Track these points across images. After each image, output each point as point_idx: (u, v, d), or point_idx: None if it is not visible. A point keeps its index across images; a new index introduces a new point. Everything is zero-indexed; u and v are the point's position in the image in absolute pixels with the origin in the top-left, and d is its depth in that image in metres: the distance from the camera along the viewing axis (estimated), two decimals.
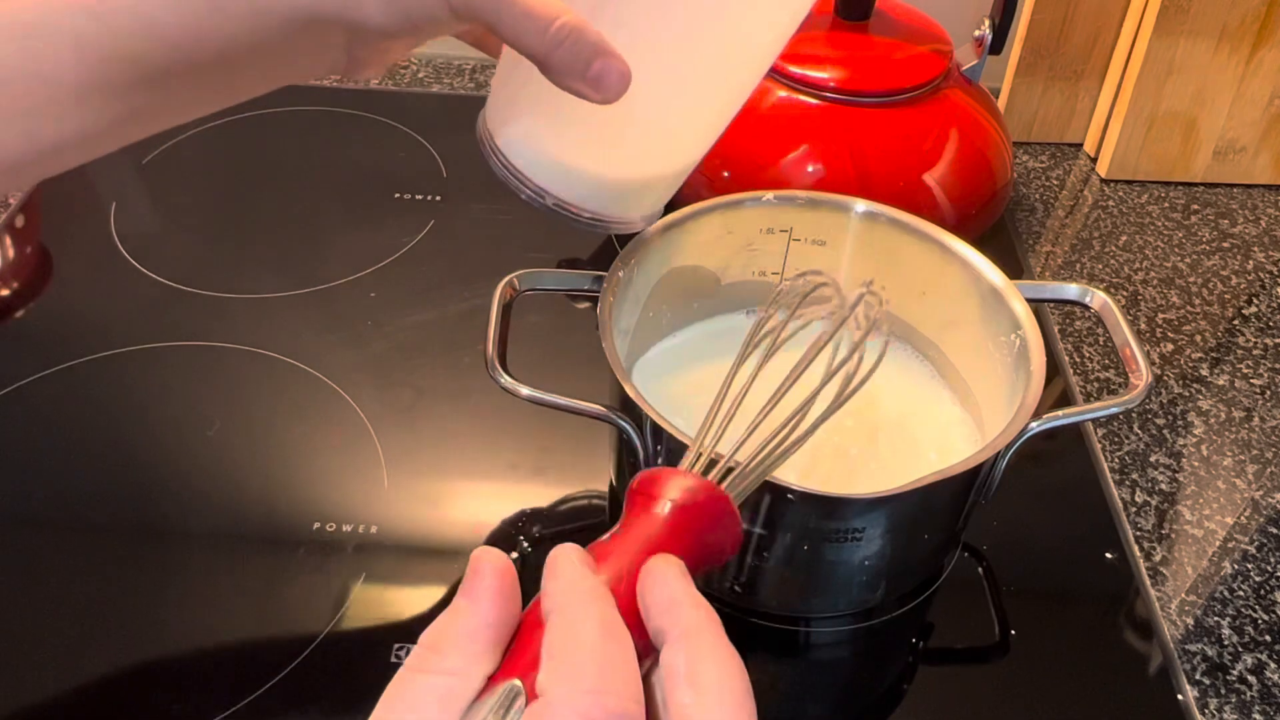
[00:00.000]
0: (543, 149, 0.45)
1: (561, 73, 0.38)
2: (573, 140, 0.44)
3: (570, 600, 0.27)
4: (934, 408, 0.55)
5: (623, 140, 0.44)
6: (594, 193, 0.46)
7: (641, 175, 0.47)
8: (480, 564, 0.28)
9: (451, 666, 0.26)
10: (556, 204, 0.46)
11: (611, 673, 0.25)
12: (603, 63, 0.37)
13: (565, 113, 0.41)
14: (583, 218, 0.46)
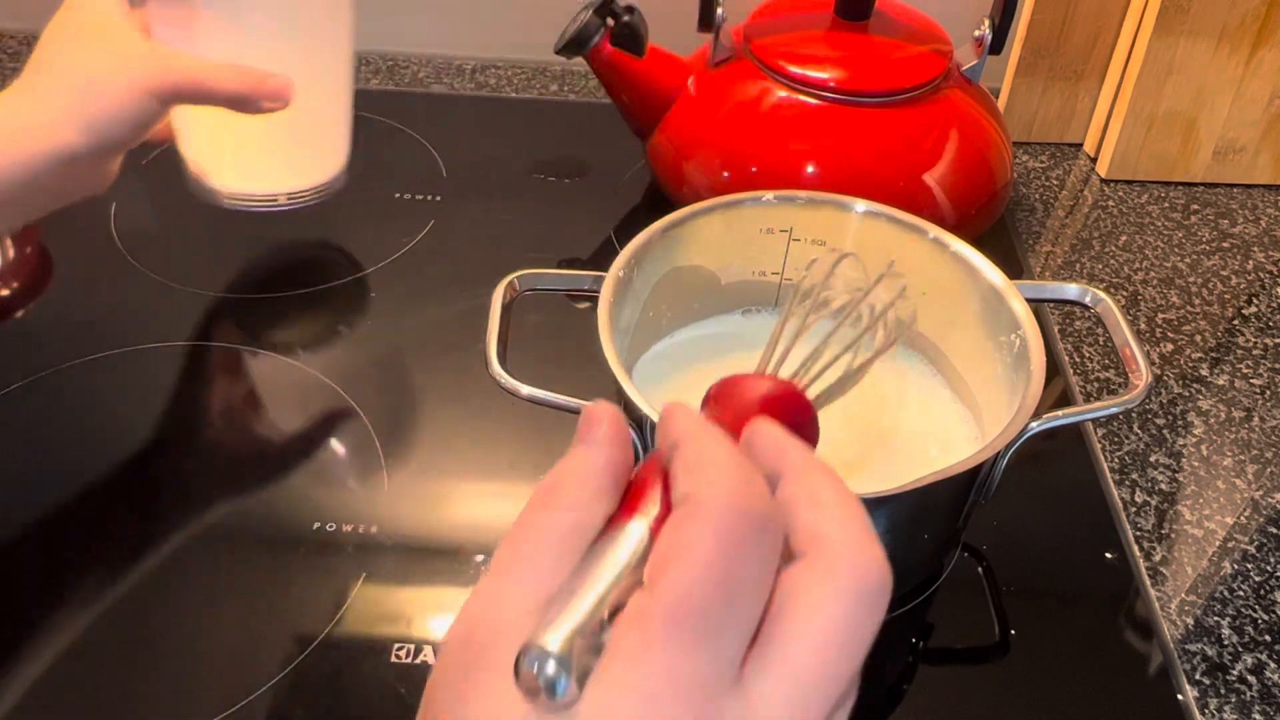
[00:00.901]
0: (254, 168, 0.61)
1: (252, 103, 0.52)
2: (268, 149, 0.59)
3: (697, 431, 0.27)
4: (934, 408, 0.55)
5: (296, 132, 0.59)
6: (305, 170, 0.62)
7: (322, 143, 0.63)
8: (595, 412, 0.29)
9: (571, 503, 0.27)
10: (290, 198, 0.62)
11: (752, 478, 0.26)
12: (272, 84, 0.52)
13: (256, 135, 0.58)
14: (305, 194, 0.63)
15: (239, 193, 0.62)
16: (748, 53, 0.69)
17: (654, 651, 0.23)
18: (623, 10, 0.67)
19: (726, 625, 0.23)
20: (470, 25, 0.91)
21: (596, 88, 0.89)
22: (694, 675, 0.23)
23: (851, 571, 0.25)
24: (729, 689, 0.23)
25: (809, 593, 0.25)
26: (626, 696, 0.23)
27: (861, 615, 0.25)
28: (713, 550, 0.24)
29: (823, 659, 0.24)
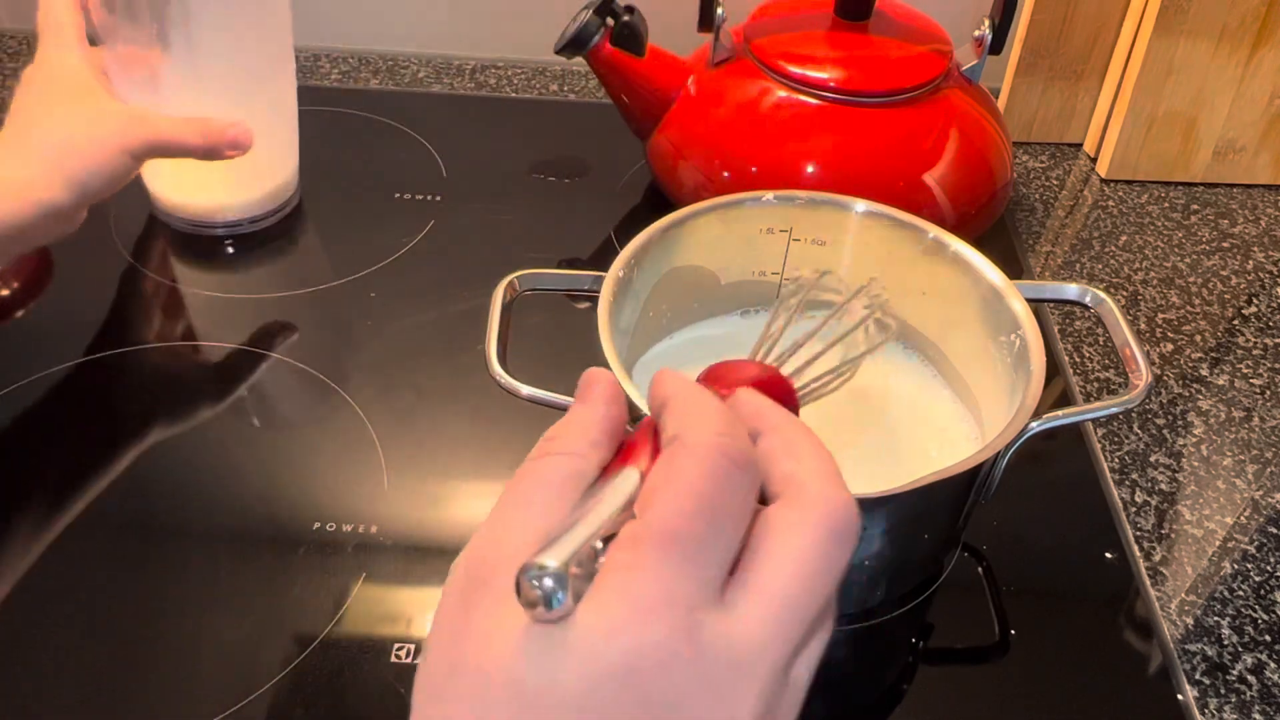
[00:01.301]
0: (214, 193, 0.69)
1: (217, 153, 0.59)
2: (225, 175, 0.67)
3: (685, 388, 0.30)
4: (934, 407, 0.55)
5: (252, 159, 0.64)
6: (261, 193, 0.71)
7: (276, 168, 0.72)
8: (593, 374, 0.32)
9: (570, 450, 0.29)
10: (251, 221, 0.71)
11: (735, 424, 0.28)
12: (233, 133, 0.59)
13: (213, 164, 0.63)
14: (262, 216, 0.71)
15: (199, 217, 0.70)
16: (748, 53, 0.69)
17: (643, 568, 0.25)
18: (623, 10, 0.67)
19: (709, 548, 0.26)
20: (470, 25, 0.91)
21: (596, 88, 0.89)
22: (678, 589, 0.25)
23: (824, 508, 0.27)
24: (710, 606, 0.25)
25: (786, 526, 0.27)
26: (617, 607, 0.25)
27: (832, 546, 0.27)
28: (699, 481, 0.26)
29: (797, 583, 0.26)
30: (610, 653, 0.24)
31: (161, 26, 0.60)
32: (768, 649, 0.26)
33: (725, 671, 0.25)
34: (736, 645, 0.25)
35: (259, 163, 0.68)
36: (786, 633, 0.26)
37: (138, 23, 0.60)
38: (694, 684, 0.25)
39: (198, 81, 0.63)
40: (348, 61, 0.90)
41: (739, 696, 0.25)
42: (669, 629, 0.25)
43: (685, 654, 0.25)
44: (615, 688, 0.24)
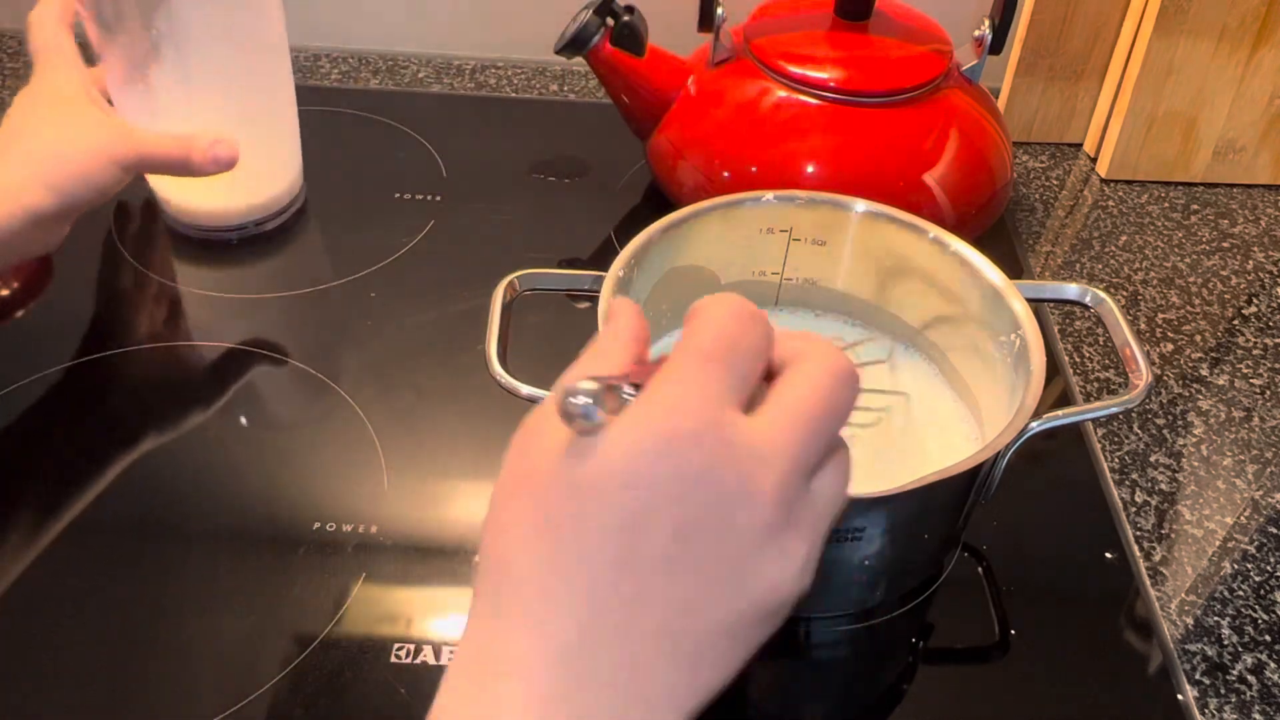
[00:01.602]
0: (217, 198, 0.69)
1: (204, 169, 0.60)
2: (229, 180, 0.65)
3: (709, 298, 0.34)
4: (934, 407, 0.55)
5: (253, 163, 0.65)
6: (264, 197, 0.71)
7: (277, 173, 0.72)
8: (617, 306, 0.36)
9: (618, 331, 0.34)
10: (256, 225, 0.71)
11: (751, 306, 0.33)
12: (220, 150, 0.60)
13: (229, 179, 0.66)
14: (266, 219, 0.72)
15: (206, 221, 0.70)
16: (748, 53, 0.69)
17: (677, 377, 0.30)
18: (623, 10, 0.67)
19: (731, 368, 0.31)
20: (470, 25, 0.91)
21: (596, 88, 0.89)
22: (707, 392, 0.30)
23: (828, 359, 0.32)
24: (735, 410, 0.30)
25: (798, 371, 0.32)
26: (655, 403, 0.30)
27: (837, 386, 0.32)
28: (725, 318, 0.32)
29: (807, 404, 0.31)
30: (649, 436, 0.29)
31: (152, 37, 0.60)
32: (785, 449, 0.30)
33: (748, 458, 0.29)
34: (757, 440, 0.30)
35: (260, 166, 0.69)
36: (800, 439, 0.30)
37: (128, 34, 0.60)
38: (722, 463, 0.29)
39: (192, 89, 0.64)
40: (348, 61, 0.90)
41: (760, 480, 0.29)
42: (699, 420, 0.29)
43: (714, 439, 0.29)
44: (652, 460, 0.29)
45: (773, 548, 0.30)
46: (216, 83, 0.64)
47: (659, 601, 0.28)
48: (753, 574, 0.29)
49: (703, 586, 0.29)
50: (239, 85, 0.66)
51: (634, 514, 0.28)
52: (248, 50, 0.65)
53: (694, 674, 0.29)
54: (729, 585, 0.29)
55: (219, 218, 0.70)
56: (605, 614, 0.28)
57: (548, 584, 0.29)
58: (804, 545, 0.31)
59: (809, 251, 0.57)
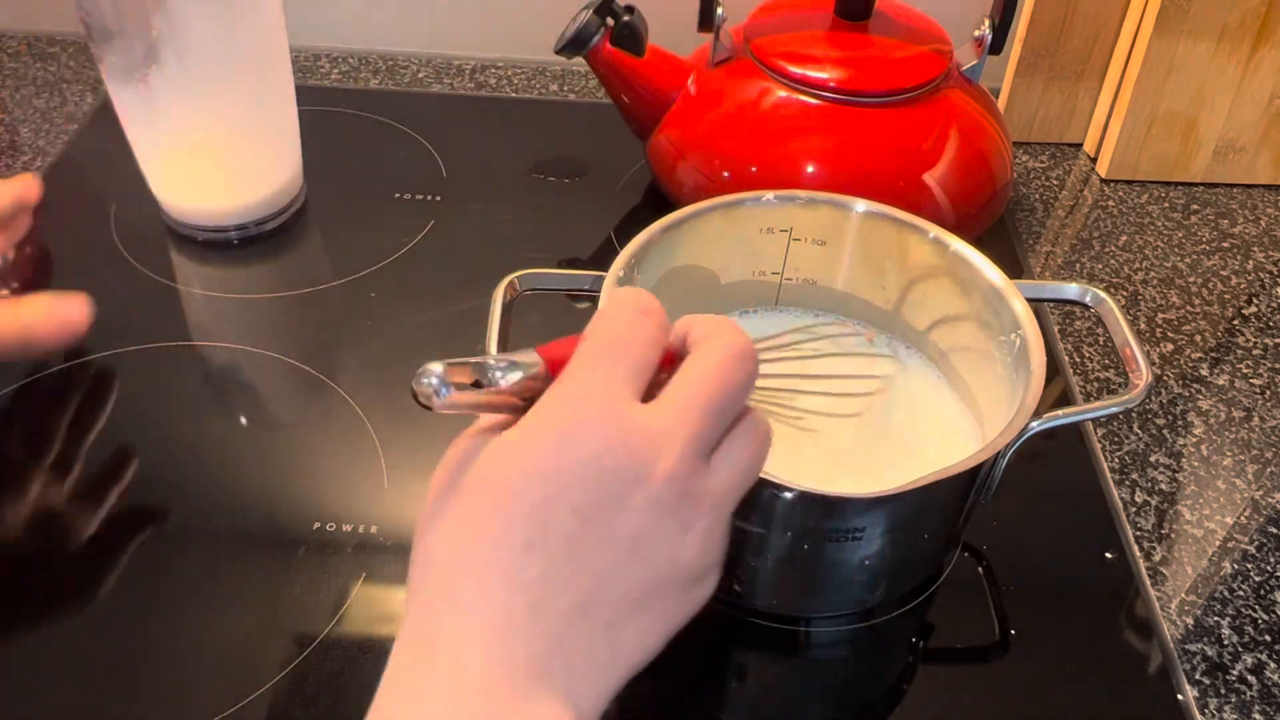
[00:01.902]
0: (218, 199, 0.70)
1: (51, 344, 0.54)
2: (229, 181, 0.69)
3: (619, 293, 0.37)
4: (934, 407, 0.55)
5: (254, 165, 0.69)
6: (263, 198, 0.71)
7: (277, 172, 0.72)
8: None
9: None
10: (256, 225, 0.71)
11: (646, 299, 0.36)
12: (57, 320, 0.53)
13: (217, 169, 0.69)
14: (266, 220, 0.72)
15: (206, 222, 0.70)
16: (748, 53, 0.69)
17: (575, 370, 0.33)
18: (623, 10, 0.67)
19: (621, 360, 0.33)
20: (470, 25, 0.91)
21: (596, 88, 0.89)
22: (600, 385, 0.33)
23: (724, 340, 0.34)
24: (630, 399, 0.33)
25: (696, 354, 0.34)
26: (553, 401, 0.32)
27: (731, 364, 0.34)
28: (617, 316, 0.35)
29: (699, 386, 0.33)
30: (548, 429, 0.32)
31: (152, 38, 0.60)
32: (676, 431, 0.32)
33: (640, 442, 0.32)
34: (650, 425, 0.32)
35: (260, 166, 0.69)
36: (692, 421, 0.33)
37: (128, 35, 0.61)
38: (614, 448, 0.31)
39: (192, 89, 0.64)
40: (348, 61, 0.90)
41: (651, 462, 0.32)
42: (593, 409, 0.32)
43: (607, 426, 0.32)
44: (551, 450, 0.31)
45: (669, 523, 0.32)
46: (216, 83, 0.64)
47: (570, 579, 0.31)
48: (654, 547, 0.32)
49: (607, 562, 0.31)
50: (239, 85, 0.66)
51: (538, 501, 0.31)
52: (247, 50, 0.65)
53: (613, 645, 0.32)
54: (632, 559, 0.32)
55: (219, 218, 0.70)
56: (521, 593, 0.30)
57: (468, 569, 0.31)
58: (702, 519, 0.33)
59: (809, 251, 0.57)
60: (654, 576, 0.32)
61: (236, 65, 0.65)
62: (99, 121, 0.81)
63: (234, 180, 0.69)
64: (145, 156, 0.68)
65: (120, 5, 0.60)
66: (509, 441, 0.32)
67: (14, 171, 0.76)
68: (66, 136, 0.80)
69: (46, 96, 0.84)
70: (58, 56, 0.89)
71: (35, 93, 0.84)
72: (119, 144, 0.69)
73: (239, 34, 0.64)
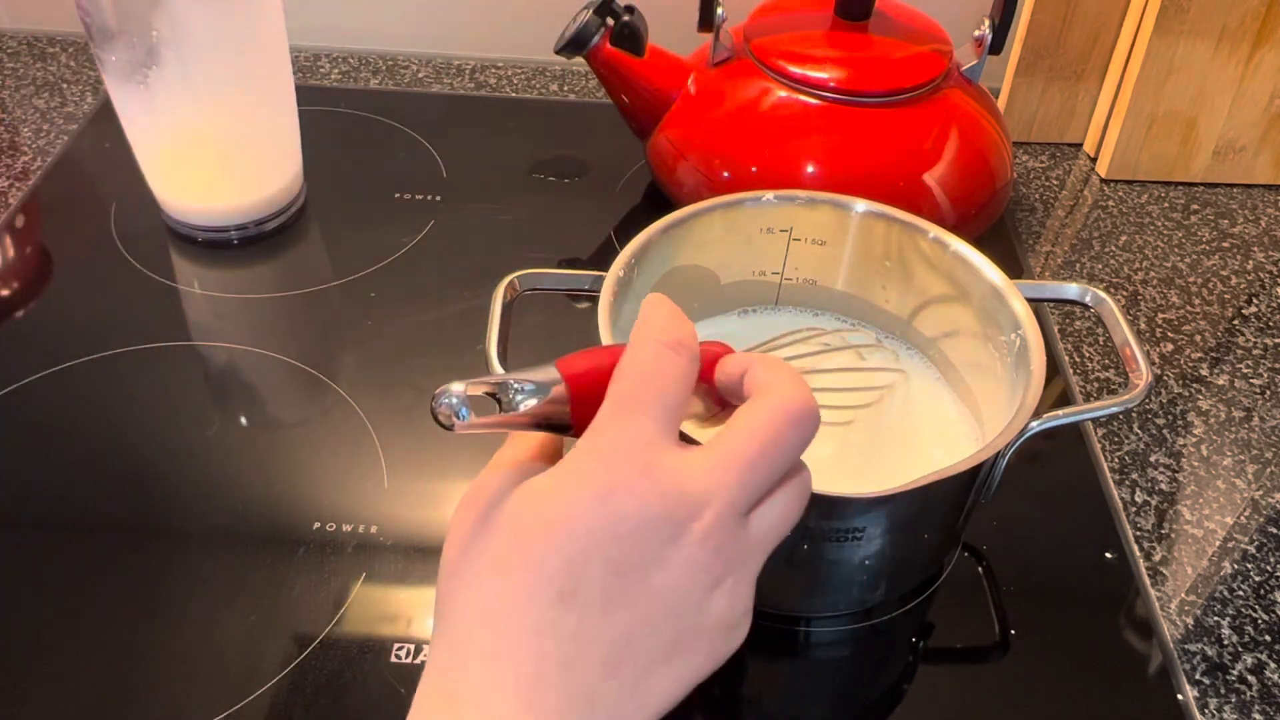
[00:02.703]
0: (218, 200, 0.70)
1: None
2: (229, 182, 0.70)
3: (651, 302, 0.36)
4: (934, 407, 0.55)
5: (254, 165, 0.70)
6: (264, 198, 0.71)
7: (277, 173, 0.72)
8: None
9: None
10: (256, 225, 0.71)
11: (673, 324, 0.35)
12: None
13: (217, 169, 0.69)
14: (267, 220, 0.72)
15: (207, 222, 0.70)
16: (748, 53, 0.69)
17: (607, 421, 0.32)
18: (623, 10, 0.67)
19: (653, 404, 0.32)
20: (470, 25, 0.91)
21: (596, 88, 0.89)
22: (632, 435, 0.32)
23: (785, 396, 0.33)
24: (666, 450, 0.32)
25: (755, 408, 0.33)
26: (584, 456, 0.32)
27: (786, 425, 0.33)
28: (638, 361, 0.33)
29: (748, 443, 0.32)
30: (584, 488, 0.31)
31: (152, 38, 0.60)
32: (715, 491, 0.31)
33: (678, 501, 0.31)
34: (689, 482, 0.31)
35: (260, 166, 0.69)
36: (733, 482, 0.32)
37: (128, 35, 0.61)
38: (652, 508, 0.31)
39: (192, 90, 0.64)
40: (348, 61, 0.90)
41: (688, 522, 0.31)
42: (629, 468, 0.31)
43: (644, 485, 0.31)
44: (587, 509, 0.31)
45: (703, 578, 0.32)
46: (216, 83, 0.65)
47: (601, 633, 0.31)
48: (686, 607, 0.32)
49: (640, 620, 0.31)
50: (239, 85, 0.66)
51: (573, 556, 0.30)
52: (248, 51, 0.65)
53: (640, 697, 0.31)
54: (664, 618, 0.31)
55: (219, 218, 0.70)
56: (553, 647, 0.30)
57: (498, 620, 0.31)
58: (736, 578, 0.33)
59: (809, 251, 0.57)
60: (684, 629, 0.32)
61: (236, 65, 0.65)
62: (99, 121, 0.81)
63: (234, 180, 0.69)
64: (145, 156, 0.68)
65: (120, 5, 0.60)
66: (543, 490, 0.32)
67: (14, 171, 0.76)
68: (66, 136, 0.80)
69: (46, 96, 0.84)
70: (58, 56, 0.89)
71: (35, 93, 0.85)
72: (119, 144, 0.69)
73: (239, 34, 0.64)
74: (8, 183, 0.75)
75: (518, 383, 0.33)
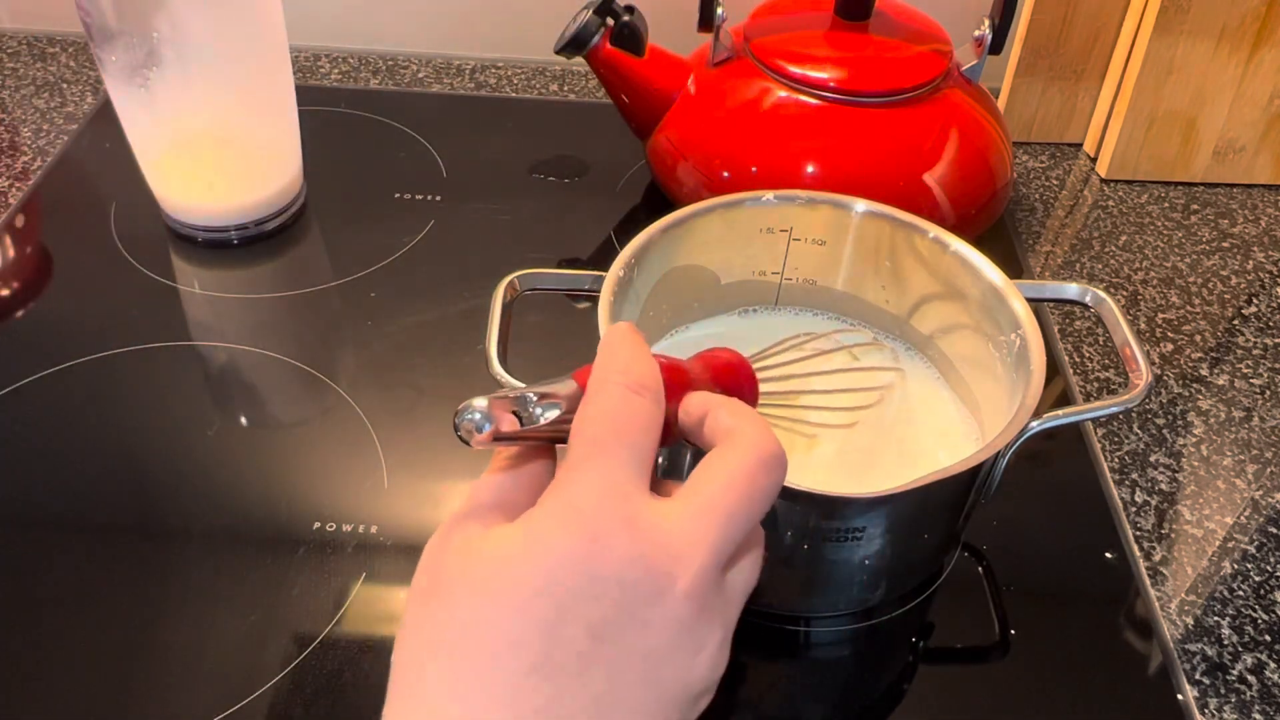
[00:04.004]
0: (218, 200, 0.70)
1: None
2: (230, 183, 0.70)
3: (612, 337, 0.35)
4: (934, 407, 0.55)
5: (255, 167, 0.70)
6: (264, 198, 0.71)
7: (277, 174, 0.72)
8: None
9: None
10: (255, 225, 0.71)
11: (636, 363, 0.33)
12: None
13: (217, 170, 0.69)
14: (267, 220, 0.72)
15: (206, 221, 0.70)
16: (748, 53, 0.69)
17: (577, 468, 0.30)
18: (623, 10, 0.67)
19: (623, 449, 0.31)
20: (470, 25, 0.91)
21: (596, 88, 0.89)
22: (609, 482, 0.30)
23: (754, 442, 0.32)
24: (642, 498, 0.30)
25: (720, 454, 0.32)
26: (558, 503, 0.30)
27: (759, 473, 0.31)
28: (610, 399, 0.32)
29: (726, 493, 0.31)
30: (559, 540, 0.29)
31: (153, 39, 0.61)
32: (699, 544, 0.30)
33: (661, 555, 0.29)
34: (671, 535, 0.30)
35: (260, 166, 0.69)
36: (716, 535, 0.30)
37: (129, 35, 0.61)
38: (633, 563, 0.29)
39: (192, 90, 0.64)
40: (348, 61, 0.90)
41: (673, 577, 0.29)
42: (608, 519, 0.29)
43: (624, 539, 0.29)
44: (564, 565, 0.29)
45: (687, 640, 0.30)
46: (216, 84, 0.65)
47: (576, 701, 0.28)
48: (667, 666, 0.30)
49: (618, 683, 0.29)
50: (239, 86, 0.66)
51: (548, 619, 0.28)
52: (248, 51, 0.66)
53: None
54: (644, 679, 0.29)
55: (219, 218, 0.70)
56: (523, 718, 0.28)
57: (461, 691, 0.28)
58: (717, 633, 0.31)
59: (809, 251, 0.57)
60: (661, 697, 0.30)
61: (236, 66, 0.65)
62: (99, 121, 0.81)
63: (234, 180, 0.69)
64: (145, 156, 0.68)
65: (120, 5, 0.60)
66: (512, 543, 0.29)
67: (14, 171, 0.76)
68: (66, 136, 0.80)
69: (46, 96, 0.84)
70: (58, 56, 0.89)
71: (35, 93, 0.85)
72: (119, 144, 0.69)
73: (239, 35, 0.64)
74: (8, 183, 0.75)
75: (536, 396, 0.32)
